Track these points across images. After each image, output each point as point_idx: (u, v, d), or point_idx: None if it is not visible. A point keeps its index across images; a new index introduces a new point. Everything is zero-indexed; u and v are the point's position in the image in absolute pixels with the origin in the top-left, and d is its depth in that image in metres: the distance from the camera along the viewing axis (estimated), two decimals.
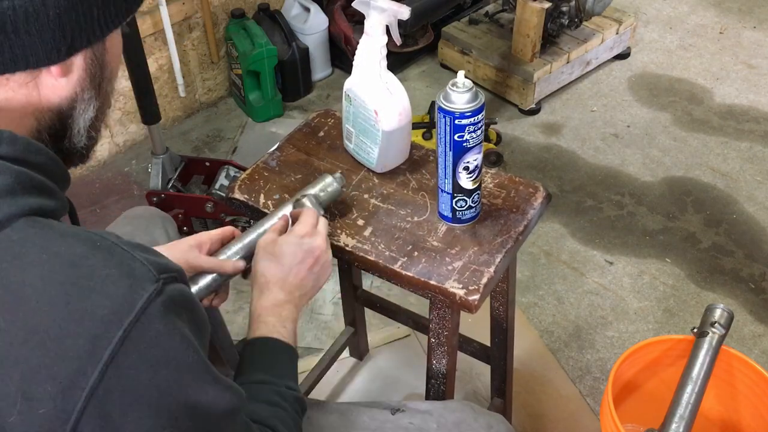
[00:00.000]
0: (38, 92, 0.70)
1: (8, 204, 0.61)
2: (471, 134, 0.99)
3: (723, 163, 2.43)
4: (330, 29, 2.73)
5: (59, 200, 0.68)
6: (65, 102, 0.72)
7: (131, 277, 0.61)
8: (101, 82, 0.74)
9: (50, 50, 0.67)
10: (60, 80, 0.70)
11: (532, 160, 2.46)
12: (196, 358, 0.65)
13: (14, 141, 0.65)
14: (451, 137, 0.99)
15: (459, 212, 1.07)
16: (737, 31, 3.08)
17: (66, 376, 0.58)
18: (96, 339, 0.58)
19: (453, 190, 1.05)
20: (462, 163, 1.01)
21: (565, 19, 2.60)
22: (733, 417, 1.46)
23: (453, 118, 0.98)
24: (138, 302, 0.60)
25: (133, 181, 2.39)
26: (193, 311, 0.68)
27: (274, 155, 1.24)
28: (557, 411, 1.73)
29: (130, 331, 0.59)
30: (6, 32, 0.64)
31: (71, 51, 0.69)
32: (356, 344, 1.80)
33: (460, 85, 0.98)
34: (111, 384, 0.58)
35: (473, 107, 0.98)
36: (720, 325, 1.35)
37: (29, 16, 0.64)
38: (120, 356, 0.59)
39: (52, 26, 0.66)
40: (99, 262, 0.61)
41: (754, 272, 2.06)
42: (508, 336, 1.41)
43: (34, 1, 0.64)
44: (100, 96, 0.75)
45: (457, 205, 1.06)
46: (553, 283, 2.03)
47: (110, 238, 0.64)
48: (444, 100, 0.99)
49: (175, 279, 0.65)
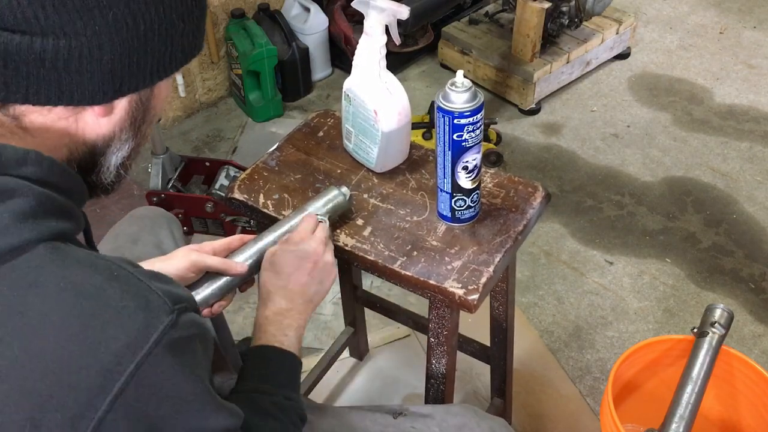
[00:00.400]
0: (77, 126, 0.69)
1: (29, 228, 0.61)
2: (470, 134, 0.99)
3: (723, 163, 2.43)
4: (330, 29, 2.73)
5: (77, 219, 0.68)
6: (101, 140, 0.72)
7: (147, 310, 0.62)
8: (141, 125, 0.74)
9: (96, 92, 0.66)
10: (101, 120, 0.70)
11: (532, 160, 2.46)
12: (201, 388, 0.66)
13: (40, 162, 0.64)
14: (450, 137, 0.99)
15: (458, 212, 1.07)
16: (737, 31, 3.08)
17: (75, 406, 0.58)
18: (108, 373, 0.59)
19: (452, 190, 1.05)
20: (461, 162, 1.01)
21: (565, 19, 2.60)
22: (733, 417, 1.46)
23: (452, 118, 0.98)
24: (152, 335, 0.61)
25: (133, 181, 2.39)
26: (203, 337, 0.69)
27: (274, 155, 1.24)
28: (557, 411, 1.73)
29: (141, 365, 0.60)
30: (57, 68, 0.64)
31: (117, 95, 0.68)
32: (356, 344, 1.80)
33: (459, 84, 0.98)
34: (118, 415, 0.60)
35: (472, 107, 0.98)
36: (720, 325, 1.35)
37: (83, 58, 0.64)
38: (129, 390, 0.60)
39: (104, 70, 0.65)
40: (116, 293, 0.62)
41: (754, 272, 2.06)
42: (508, 336, 1.41)
43: (91, 43, 0.64)
44: (137, 137, 0.75)
45: (456, 205, 1.06)
46: (553, 283, 2.03)
47: (127, 268, 0.64)
48: (443, 99, 0.99)
49: (186, 309, 0.65)
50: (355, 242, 1.08)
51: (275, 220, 1.13)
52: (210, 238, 2.16)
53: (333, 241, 1.08)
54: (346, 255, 1.08)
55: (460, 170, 1.02)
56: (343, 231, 1.10)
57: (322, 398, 1.73)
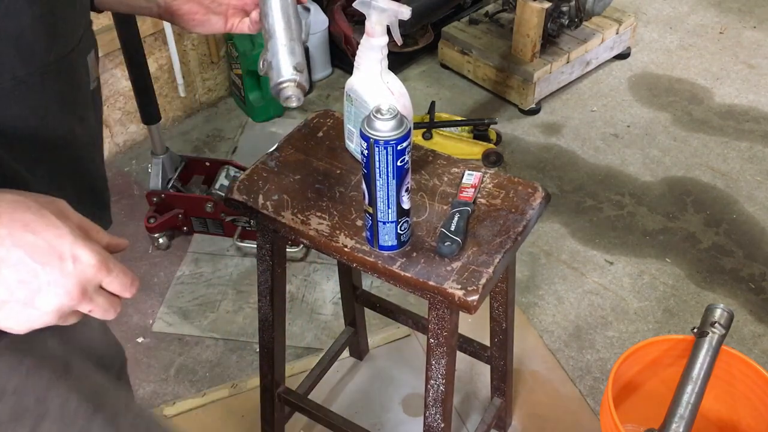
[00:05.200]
0: None
1: None
2: (408, 154, 0.97)
3: (723, 163, 2.43)
4: (330, 29, 2.73)
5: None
6: None
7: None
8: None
9: None
10: None
11: (532, 160, 2.46)
12: None
13: None
14: (394, 165, 0.96)
15: (403, 235, 1.05)
16: (737, 31, 3.08)
17: None
18: None
19: (397, 216, 1.02)
20: (404, 186, 0.99)
21: (565, 19, 2.60)
22: (733, 417, 1.46)
23: (395, 146, 0.94)
24: None
25: (133, 181, 2.39)
26: None
27: (273, 156, 1.24)
28: (557, 411, 1.73)
29: None
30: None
31: None
32: (356, 344, 1.80)
33: (385, 111, 0.95)
34: None
35: (406, 128, 0.95)
36: (720, 325, 1.35)
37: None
38: None
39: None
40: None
41: (754, 272, 2.06)
42: (508, 336, 1.41)
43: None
44: None
45: (401, 229, 1.04)
46: (553, 283, 2.03)
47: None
48: (379, 132, 0.94)
49: None
50: (354, 243, 1.08)
51: (275, 221, 1.13)
52: (210, 238, 2.17)
53: (332, 242, 1.08)
54: (346, 256, 1.08)
55: (404, 194, 1.00)
56: (342, 232, 1.10)
57: (322, 398, 1.73)
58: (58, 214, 0.61)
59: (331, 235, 1.09)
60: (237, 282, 2.05)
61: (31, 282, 0.58)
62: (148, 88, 2.04)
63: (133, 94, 2.09)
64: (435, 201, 1.13)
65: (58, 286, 0.59)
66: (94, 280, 0.61)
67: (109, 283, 0.62)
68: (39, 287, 0.58)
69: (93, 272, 0.60)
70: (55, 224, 0.59)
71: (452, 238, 1.04)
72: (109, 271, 0.61)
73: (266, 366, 1.43)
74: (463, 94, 2.76)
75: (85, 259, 0.60)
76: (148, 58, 2.15)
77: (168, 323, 1.95)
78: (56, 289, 0.59)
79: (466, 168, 1.18)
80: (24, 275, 0.58)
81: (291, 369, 1.78)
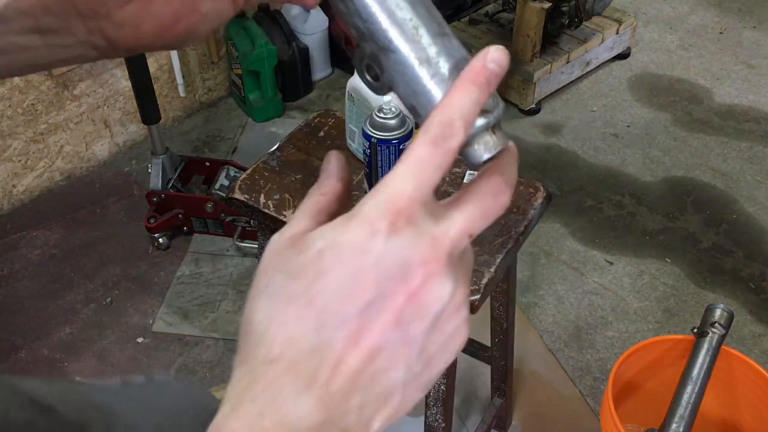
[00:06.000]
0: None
1: None
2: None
3: (723, 163, 2.43)
4: (330, 29, 2.73)
5: None
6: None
7: None
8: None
9: None
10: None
11: (532, 160, 2.46)
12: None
13: None
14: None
15: None
16: (737, 31, 3.08)
17: None
18: None
19: None
20: None
21: (565, 19, 2.60)
22: (733, 417, 1.46)
23: (398, 145, 0.95)
24: None
25: (133, 181, 2.39)
26: None
27: (275, 155, 1.24)
28: (557, 411, 1.73)
29: None
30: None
31: None
32: None
33: (387, 111, 0.95)
34: None
35: (408, 127, 0.95)
36: (720, 325, 1.35)
37: None
38: None
39: None
40: None
41: (754, 272, 2.06)
42: (508, 336, 1.41)
43: None
44: None
45: None
46: (553, 283, 2.03)
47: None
48: (382, 131, 0.94)
49: None
50: None
51: (276, 221, 1.12)
52: (210, 238, 2.17)
53: None
54: None
55: None
56: None
57: None
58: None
59: None
60: (237, 282, 2.05)
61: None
62: (148, 88, 2.04)
63: (133, 94, 2.09)
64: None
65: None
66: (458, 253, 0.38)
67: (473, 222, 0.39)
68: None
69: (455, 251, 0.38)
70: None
71: None
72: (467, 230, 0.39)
73: None
74: None
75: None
76: (148, 58, 2.15)
77: (168, 323, 1.95)
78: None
79: (467, 168, 1.18)
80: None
81: None
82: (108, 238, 2.18)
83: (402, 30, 0.40)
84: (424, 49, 0.40)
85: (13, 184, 2.27)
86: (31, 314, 1.97)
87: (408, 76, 0.40)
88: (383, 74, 0.41)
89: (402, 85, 0.41)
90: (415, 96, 0.40)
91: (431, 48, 0.40)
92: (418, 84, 0.40)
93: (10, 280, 2.06)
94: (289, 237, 0.37)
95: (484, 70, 0.38)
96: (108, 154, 2.48)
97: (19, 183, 2.29)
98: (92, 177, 2.42)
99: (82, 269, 2.09)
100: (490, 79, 0.38)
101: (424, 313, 0.35)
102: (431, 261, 0.35)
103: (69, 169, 2.39)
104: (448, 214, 0.38)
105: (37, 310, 1.98)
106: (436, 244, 0.36)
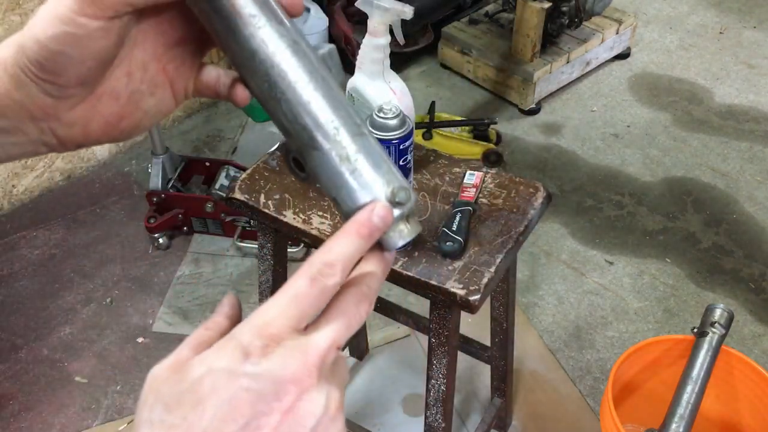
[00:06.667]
0: None
1: None
2: (410, 153, 0.97)
3: (723, 163, 2.43)
4: (330, 29, 2.73)
5: None
6: None
7: None
8: None
9: None
10: None
11: (532, 160, 2.46)
12: None
13: None
14: (396, 164, 0.96)
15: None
16: (737, 31, 3.08)
17: None
18: None
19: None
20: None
21: (565, 19, 2.60)
22: (733, 417, 1.46)
23: (398, 145, 0.95)
24: None
25: (133, 181, 2.39)
26: None
27: (275, 155, 1.24)
28: (557, 411, 1.73)
29: None
30: None
31: None
32: (356, 344, 1.80)
33: (387, 111, 0.95)
34: None
35: (408, 128, 0.95)
36: (720, 325, 1.35)
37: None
38: None
39: None
40: None
41: (754, 272, 2.06)
42: (508, 336, 1.41)
43: None
44: None
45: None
46: (553, 283, 2.03)
47: None
48: (381, 131, 0.94)
49: None
50: None
51: (276, 221, 1.12)
52: (210, 238, 2.17)
53: None
54: None
55: None
56: None
57: None
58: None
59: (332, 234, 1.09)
60: (237, 282, 2.05)
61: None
62: None
63: None
64: (437, 201, 1.13)
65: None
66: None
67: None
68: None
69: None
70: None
71: (454, 237, 1.04)
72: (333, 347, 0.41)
73: None
74: (463, 94, 2.76)
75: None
76: None
77: (168, 323, 1.95)
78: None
79: (467, 168, 1.18)
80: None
81: None
82: (108, 238, 2.19)
83: (325, 131, 0.43)
84: (344, 148, 0.43)
85: (13, 184, 2.27)
86: (31, 314, 1.97)
87: (330, 171, 0.44)
88: (308, 167, 0.45)
89: (324, 178, 0.45)
90: (337, 189, 0.44)
91: (351, 147, 0.44)
92: (339, 179, 0.44)
93: (10, 280, 2.06)
94: (168, 367, 0.39)
95: (368, 224, 0.42)
96: (108, 154, 2.48)
97: (19, 183, 2.28)
98: (92, 177, 2.42)
99: (82, 269, 2.09)
100: (373, 232, 0.42)
101: (299, 428, 0.38)
102: (303, 378, 0.38)
103: (69, 169, 2.39)
104: (317, 331, 0.40)
105: (37, 310, 1.98)
106: (307, 361, 0.38)
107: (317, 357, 0.39)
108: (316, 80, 0.44)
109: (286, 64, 0.43)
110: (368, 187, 0.44)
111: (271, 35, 0.43)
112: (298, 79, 0.43)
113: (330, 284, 0.40)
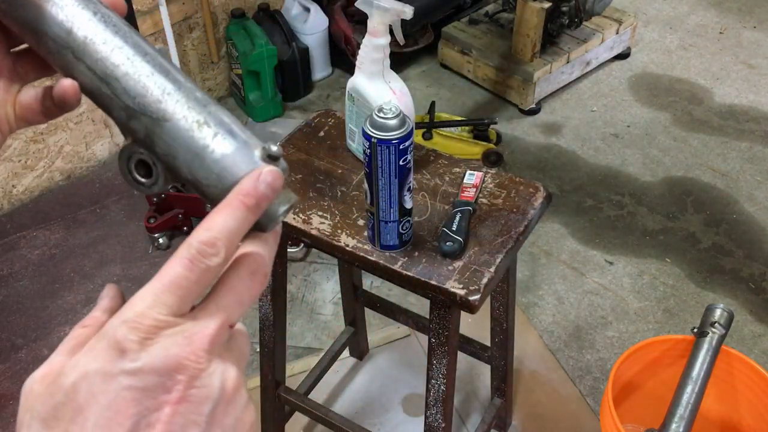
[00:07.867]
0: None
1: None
2: (410, 153, 0.97)
3: (723, 163, 2.43)
4: (330, 29, 2.73)
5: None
6: None
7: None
8: None
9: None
10: None
11: (532, 160, 2.46)
12: None
13: None
14: (396, 164, 0.96)
15: (405, 234, 1.05)
16: (737, 31, 3.08)
17: None
18: None
19: (399, 216, 1.02)
20: (406, 185, 1.00)
21: (565, 19, 2.60)
22: (733, 417, 1.46)
23: (397, 145, 0.95)
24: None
25: None
26: None
27: None
28: (557, 411, 1.73)
29: None
30: None
31: None
32: (356, 344, 1.80)
33: (387, 111, 0.95)
34: None
35: (408, 128, 0.95)
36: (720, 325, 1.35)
37: None
38: None
39: None
40: None
41: (754, 272, 2.06)
42: (508, 336, 1.41)
43: None
44: None
45: (403, 228, 1.04)
46: (553, 283, 2.03)
47: None
48: (381, 131, 0.94)
49: None
50: (356, 242, 1.08)
51: None
52: None
53: (334, 242, 1.08)
54: (347, 255, 1.08)
55: (406, 193, 1.00)
56: (344, 231, 1.10)
57: (322, 398, 1.73)
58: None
59: (333, 234, 1.09)
60: None
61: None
62: None
63: None
64: (437, 200, 1.13)
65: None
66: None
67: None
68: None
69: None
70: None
71: (454, 237, 1.04)
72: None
73: (266, 366, 1.43)
74: (463, 94, 2.76)
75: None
76: None
77: None
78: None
79: (467, 168, 1.18)
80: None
81: (291, 369, 1.78)
82: (108, 238, 2.18)
83: (175, 97, 0.39)
84: (199, 113, 0.39)
85: (13, 184, 2.27)
86: (31, 314, 1.97)
87: (188, 142, 0.39)
88: (159, 154, 0.40)
89: (182, 153, 0.39)
90: (200, 162, 0.39)
91: (204, 111, 0.40)
92: (200, 148, 0.39)
93: (10, 280, 2.06)
94: (41, 378, 0.35)
95: (255, 192, 0.38)
96: (108, 154, 2.48)
97: (19, 183, 2.28)
98: (92, 177, 2.41)
99: (82, 269, 2.09)
100: (261, 201, 0.39)
101: (195, 416, 0.35)
102: (190, 363, 0.35)
103: (69, 169, 2.39)
104: (203, 312, 0.37)
105: (37, 310, 1.98)
106: (193, 345, 0.35)
107: (205, 340, 0.36)
108: (146, 53, 0.41)
109: (118, 41, 0.40)
110: (240, 150, 0.40)
111: (79, 10, 0.40)
112: (133, 53, 0.40)
113: (212, 264, 0.37)
